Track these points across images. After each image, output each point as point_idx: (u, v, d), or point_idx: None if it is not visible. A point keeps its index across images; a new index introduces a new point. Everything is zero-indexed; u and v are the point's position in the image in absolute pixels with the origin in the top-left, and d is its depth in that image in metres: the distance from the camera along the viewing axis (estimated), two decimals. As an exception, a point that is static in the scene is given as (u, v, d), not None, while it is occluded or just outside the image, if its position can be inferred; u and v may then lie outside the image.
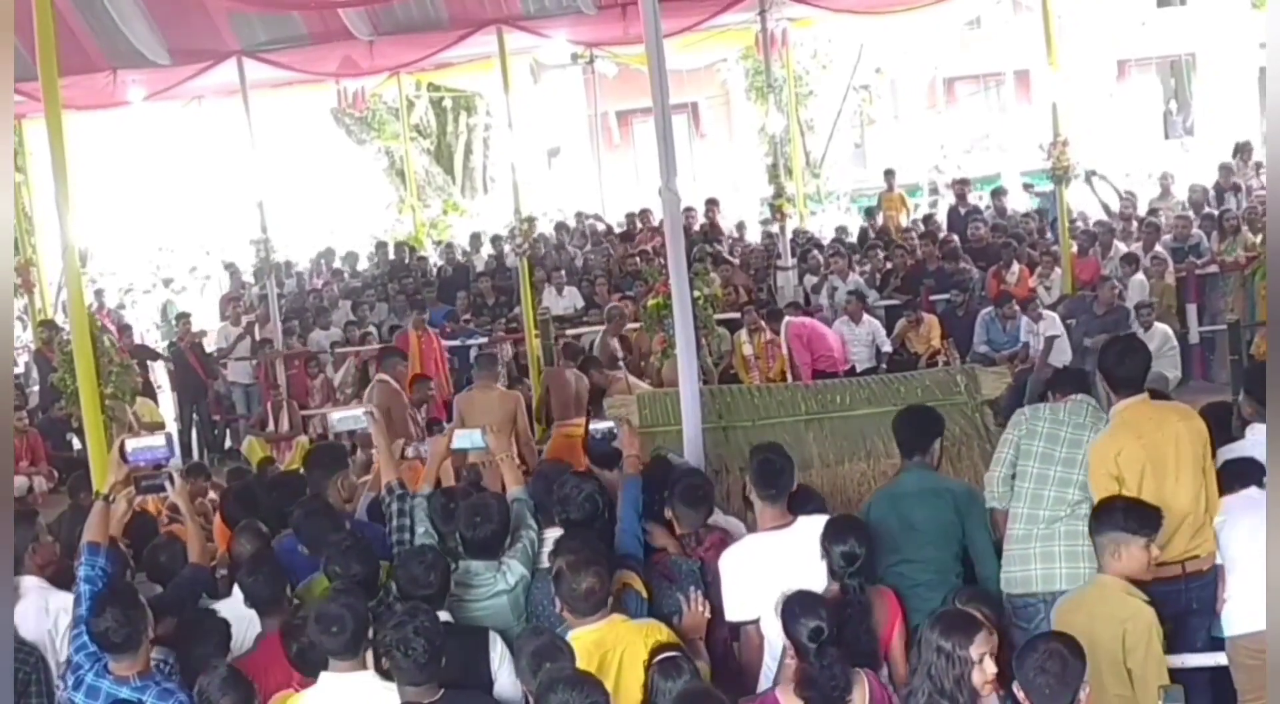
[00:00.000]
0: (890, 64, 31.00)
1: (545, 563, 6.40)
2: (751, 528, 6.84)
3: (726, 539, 6.80)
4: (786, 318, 15.97)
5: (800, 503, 6.82)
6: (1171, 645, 6.42)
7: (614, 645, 5.65)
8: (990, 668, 5.13)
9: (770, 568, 6.28)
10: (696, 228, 20.39)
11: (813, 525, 6.52)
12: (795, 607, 5.62)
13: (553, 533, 6.56)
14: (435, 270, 22.03)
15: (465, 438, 7.18)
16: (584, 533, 6.34)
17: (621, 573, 6.30)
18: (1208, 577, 6.63)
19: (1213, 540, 6.61)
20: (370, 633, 5.35)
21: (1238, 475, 6.76)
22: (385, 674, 5.32)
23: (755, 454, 6.80)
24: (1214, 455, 6.81)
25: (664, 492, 6.94)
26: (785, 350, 15.54)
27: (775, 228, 19.42)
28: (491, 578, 6.31)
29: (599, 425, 7.68)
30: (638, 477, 6.90)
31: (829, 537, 6.16)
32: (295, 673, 5.72)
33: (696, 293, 11.47)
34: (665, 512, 6.92)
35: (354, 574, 6.02)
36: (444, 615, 5.88)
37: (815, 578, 6.25)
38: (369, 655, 5.40)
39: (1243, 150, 20.39)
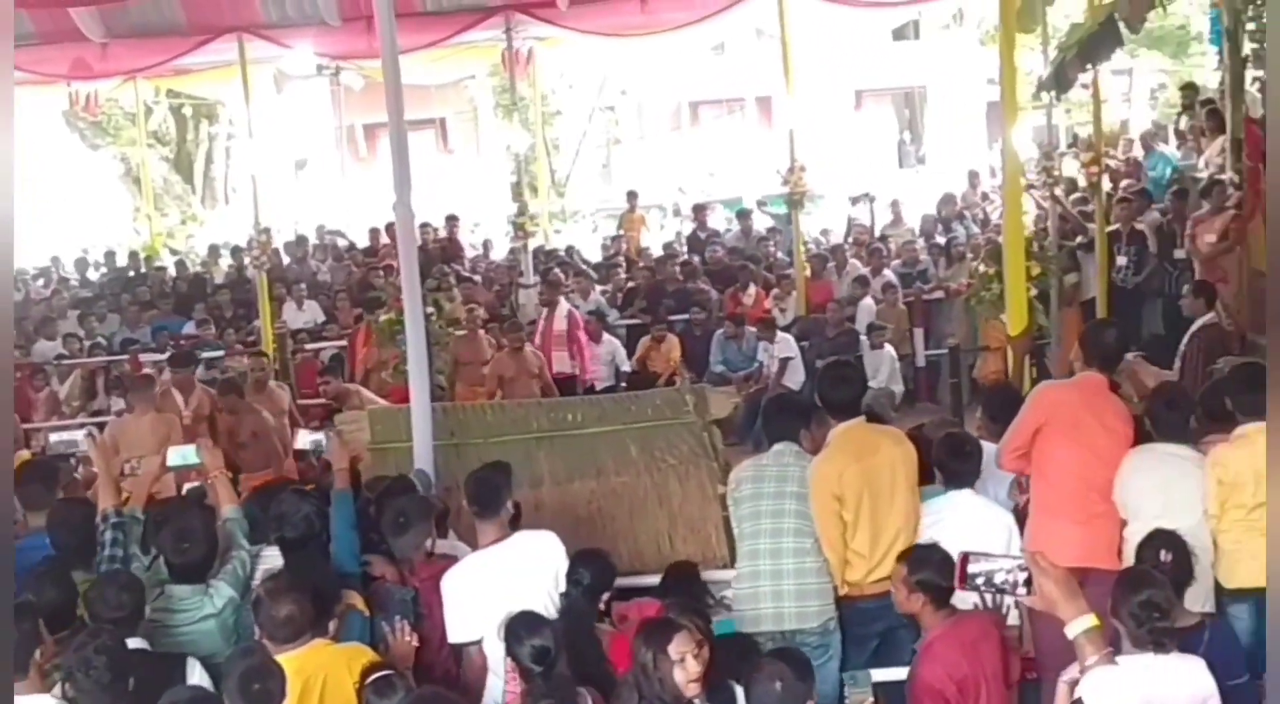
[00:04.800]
0: (637, 86, 31.38)
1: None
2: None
3: (448, 568, 6.70)
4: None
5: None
6: (882, 659, 6.69)
7: (316, 671, 5.54)
8: (693, 667, 5.23)
9: (491, 586, 6.28)
10: (434, 244, 20.37)
11: (531, 540, 6.56)
12: (519, 628, 5.63)
13: (270, 552, 6.44)
14: (171, 282, 21.42)
15: (179, 455, 6.99)
16: (300, 552, 6.22)
17: (344, 593, 6.21)
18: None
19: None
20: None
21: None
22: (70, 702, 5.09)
23: (470, 476, 6.81)
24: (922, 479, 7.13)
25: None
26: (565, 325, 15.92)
27: (518, 245, 19.46)
28: (198, 602, 6.13)
29: (306, 438, 7.55)
30: (349, 491, 6.80)
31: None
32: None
33: (431, 310, 11.41)
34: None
35: (48, 601, 5.71)
36: (138, 642, 5.69)
37: (535, 593, 6.28)
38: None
39: (973, 178, 21.23)
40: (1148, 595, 5.31)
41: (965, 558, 4.80)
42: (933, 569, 5.98)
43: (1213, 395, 7.59)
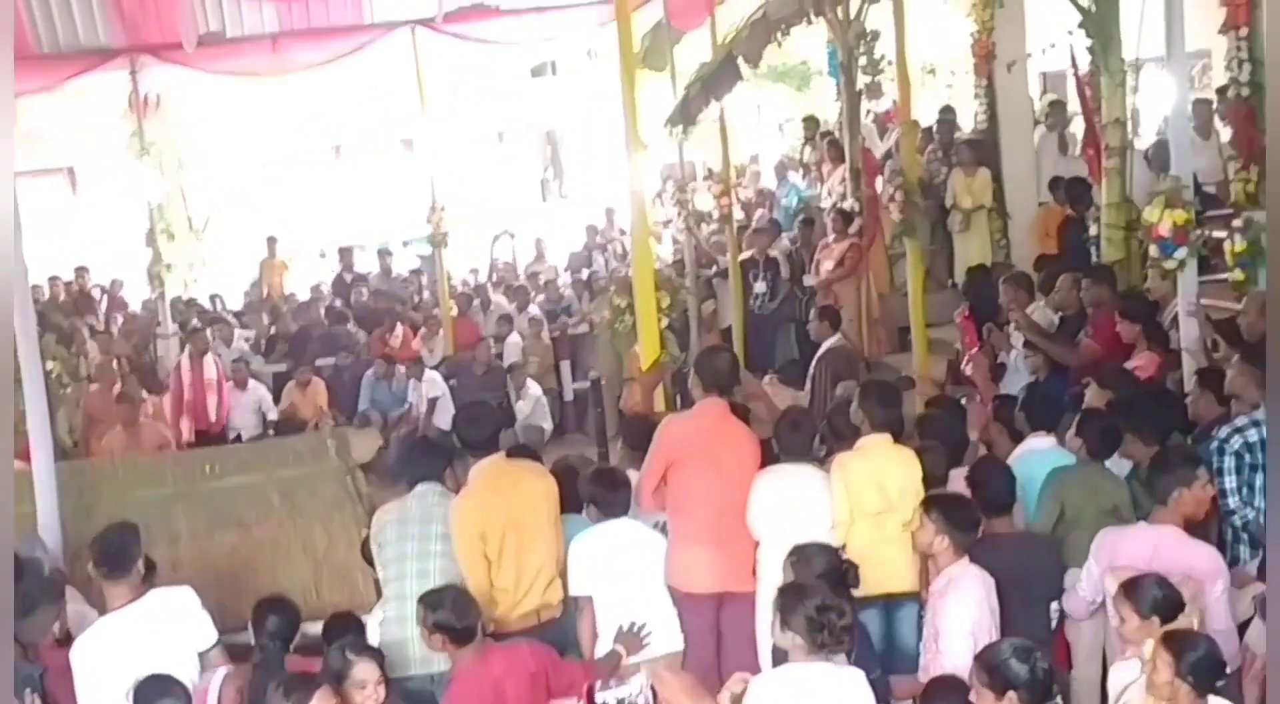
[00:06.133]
0: (280, 127, 30.75)
1: None
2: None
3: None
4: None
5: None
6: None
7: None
8: None
9: (124, 650, 6.03)
10: (64, 296, 19.55)
11: (164, 597, 6.34)
12: (150, 690, 5.48)
13: None
14: None
15: None
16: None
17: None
18: (561, 624, 6.97)
19: (562, 591, 6.97)
20: None
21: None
22: None
23: (95, 537, 6.53)
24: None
25: None
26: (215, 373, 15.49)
27: (155, 294, 18.82)
28: None
29: None
30: None
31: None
32: None
33: (52, 365, 10.89)
34: None
35: None
36: None
37: (173, 652, 6.07)
38: None
39: (609, 213, 21.63)
40: (820, 600, 5.47)
41: (591, 689, 4.88)
42: (447, 610, 6.09)
43: (838, 415, 7.92)
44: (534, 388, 15.64)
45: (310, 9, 16.66)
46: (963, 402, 9.55)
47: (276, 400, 16.13)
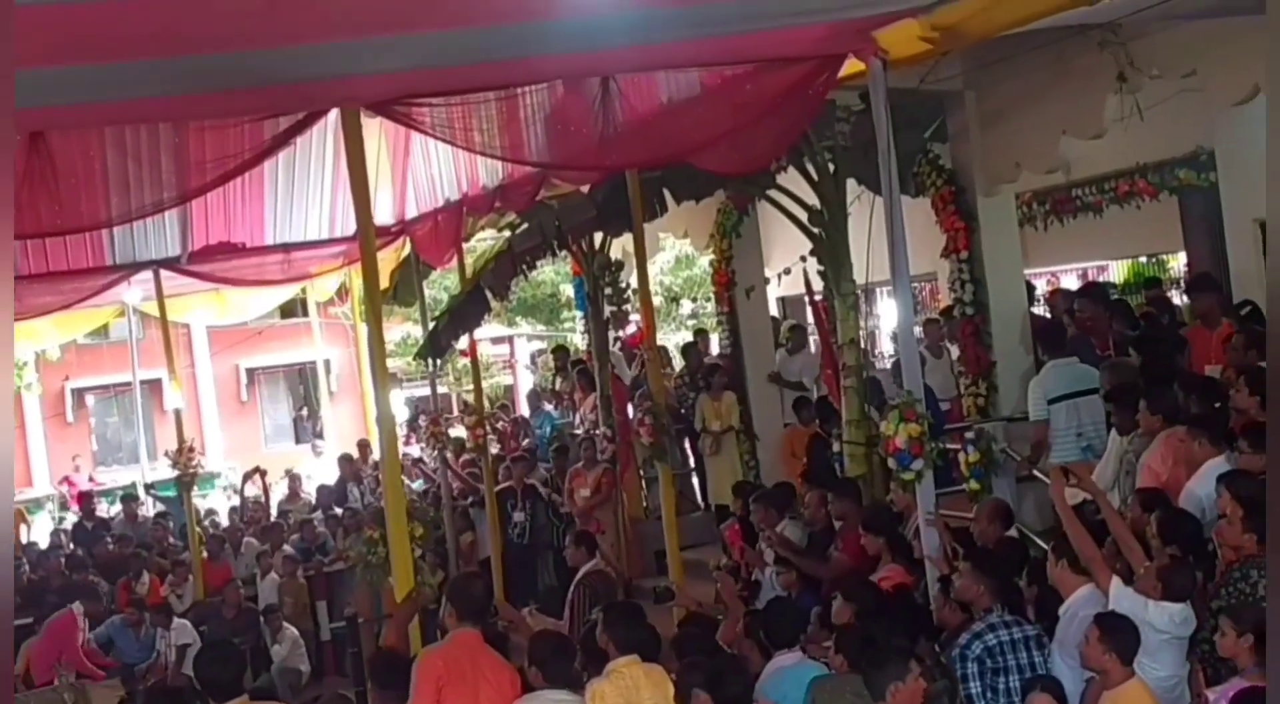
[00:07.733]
0: (16, 372, 29.97)
1: None
2: None
3: None
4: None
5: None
6: None
7: None
8: None
9: None
10: None
11: None
12: None
13: None
14: None
15: None
16: None
17: None
18: None
19: None
20: None
21: None
22: None
23: None
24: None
25: None
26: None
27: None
28: None
29: None
30: None
31: None
32: None
33: None
34: None
35: None
36: None
37: None
38: None
39: (363, 447, 21.35)
40: None
41: None
42: None
43: (592, 638, 7.93)
44: (290, 630, 15.24)
45: (49, 252, 16.18)
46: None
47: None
